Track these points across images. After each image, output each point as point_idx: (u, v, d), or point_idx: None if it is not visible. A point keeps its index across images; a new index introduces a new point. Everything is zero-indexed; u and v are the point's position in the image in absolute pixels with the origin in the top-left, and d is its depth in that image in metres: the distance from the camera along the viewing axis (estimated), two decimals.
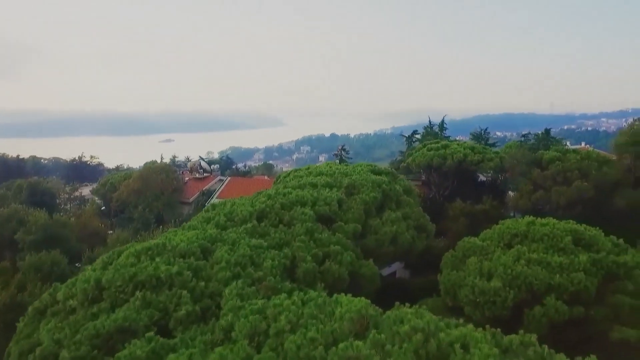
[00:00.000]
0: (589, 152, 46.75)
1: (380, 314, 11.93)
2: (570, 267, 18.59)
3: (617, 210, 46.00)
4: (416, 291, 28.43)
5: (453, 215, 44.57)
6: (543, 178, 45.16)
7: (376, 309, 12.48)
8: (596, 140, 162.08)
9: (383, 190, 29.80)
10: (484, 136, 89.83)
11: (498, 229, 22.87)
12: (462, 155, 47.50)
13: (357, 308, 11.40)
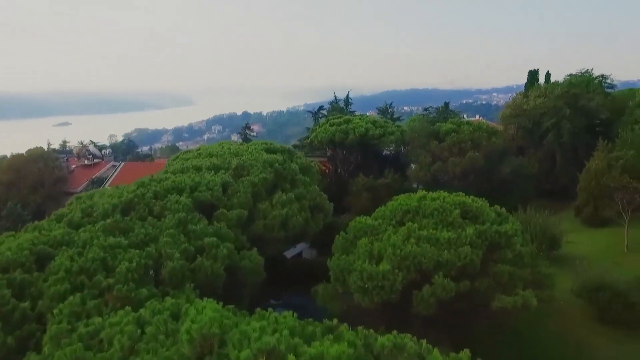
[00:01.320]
0: (480, 124, 48.66)
1: (233, 326, 9.58)
2: (457, 241, 17.89)
3: (504, 176, 48.83)
4: (321, 271, 26.96)
5: (356, 190, 43.98)
6: (440, 149, 46.17)
7: (229, 317, 10.12)
8: (489, 113, 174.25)
9: (276, 170, 27.53)
10: (389, 110, 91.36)
11: (390, 206, 21.76)
12: (364, 130, 46.87)
13: (201, 325, 8.94)
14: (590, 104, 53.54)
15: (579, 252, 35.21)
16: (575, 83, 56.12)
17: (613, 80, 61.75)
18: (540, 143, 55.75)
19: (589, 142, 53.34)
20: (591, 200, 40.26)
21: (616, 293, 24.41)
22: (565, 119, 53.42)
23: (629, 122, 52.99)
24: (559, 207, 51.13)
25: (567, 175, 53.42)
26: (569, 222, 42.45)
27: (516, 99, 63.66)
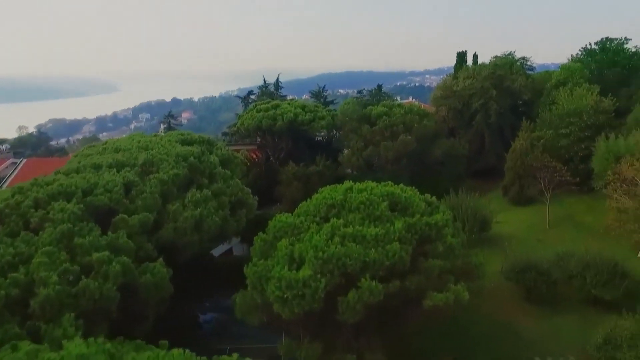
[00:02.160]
0: (411, 106, 48.36)
1: None
2: (386, 237, 16.61)
3: (436, 158, 49.23)
4: None
5: (286, 179, 42.06)
6: (372, 134, 45.28)
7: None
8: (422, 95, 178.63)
9: (191, 165, 24.83)
10: (322, 94, 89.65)
11: (315, 200, 20.09)
12: (293, 115, 44.78)
13: None
14: (514, 85, 55.18)
15: (506, 232, 36.00)
16: (500, 65, 57.60)
17: (533, 62, 64.25)
18: (470, 124, 56.86)
19: (514, 123, 55.19)
20: (517, 179, 41.38)
21: (540, 272, 24.75)
22: (492, 100, 54.69)
23: (547, 103, 55.41)
24: (489, 186, 52.71)
25: (495, 155, 55.05)
26: (498, 202, 43.58)
27: (446, 80, 64.45)
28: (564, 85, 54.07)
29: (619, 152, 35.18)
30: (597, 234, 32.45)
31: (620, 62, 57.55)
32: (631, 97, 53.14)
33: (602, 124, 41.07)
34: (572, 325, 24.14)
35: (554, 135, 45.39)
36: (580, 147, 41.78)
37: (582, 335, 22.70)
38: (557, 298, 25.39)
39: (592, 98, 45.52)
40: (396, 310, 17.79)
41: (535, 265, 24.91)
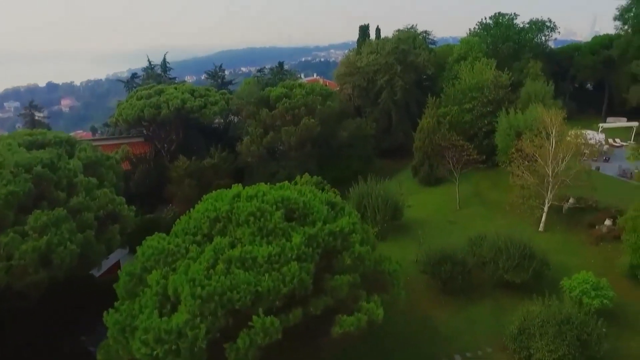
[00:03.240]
0: (313, 86, 46.13)
1: None
2: (281, 257, 14.16)
3: (343, 140, 47.98)
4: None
5: (177, 176, 37.86)
6: (272, 118, 42.42)
7: None
8: (328, 70, 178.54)
9: (38, 176, 20.18)
10: (219, 74, 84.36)
11: (196, 213, 17.00)
12: (180, 102, 40.20)
13: None
14: (418, 60, 55.46)
15: (419, 216, 35.77)
16: (403, 39, 57.53)
17: (434, 36, 65.42)
18: (376, 102, 56.41)
19: (420, 98, 55.80)
20: (426, 159, 41.44)
21: (455, 263, 24.26)
22: (397, 76, 54.55)
23: (450, 78, 56.85)
24: (399, 165, 52.98)
25: (403, 132, 55.35)
26: (408, 183, 43.54)
27: (349, 56, 63.30)
28: (465, 59, 55.63)
29: (519, 128, 36.32)
30: (504, 211, 33.28)
31: (511, 37, 60.55)
32: (522, 71, 56.25)
33: (501, 99, 42.39)
34: (487, 314, 24.05)
35: (459, 111, 46.34)
36: (484, 122, 42.92)
37: (497, 324, 22.64)
38: (472, 286, 25.20)
39: (491, 73, 46.98)
40: (300, 346, 15.51)
41: (450, 256, 24.33)
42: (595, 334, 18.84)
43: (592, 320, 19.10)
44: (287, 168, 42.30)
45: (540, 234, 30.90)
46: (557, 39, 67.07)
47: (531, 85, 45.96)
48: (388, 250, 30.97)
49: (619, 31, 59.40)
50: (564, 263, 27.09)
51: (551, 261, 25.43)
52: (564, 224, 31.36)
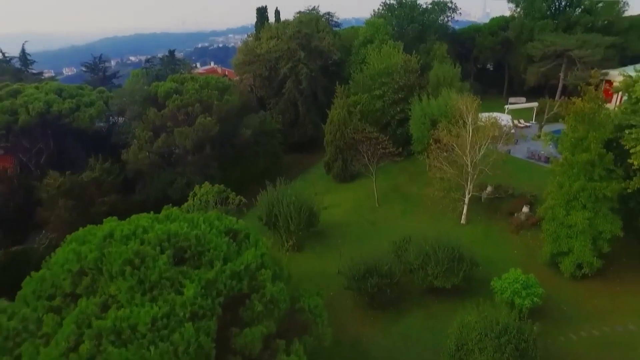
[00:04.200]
0: (208, 79, 42.18)
1: None
2: (171, 320, 11.24)
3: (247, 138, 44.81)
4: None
5: (48, 197, 32.35)
6: (162, 119, 38.02)
7: None
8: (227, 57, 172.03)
9: None
10: (99, 66, 76.40)
11: (54, 265, 13.27)
12: (44, 105, 34.21)
13: None
14: (322, 45, 53.69)
15: (337, 219, 34.13)
16: (305, 22, 55.37)
17: (338, 18, 64.21)
18: (280, 92, 53.83)
19: (327, 86, 54.22)
20: (339, 154, 39.89)
21: (382, 275, 22.79)
22: (301, 63, 52.35)
23: (357, 62, 56.07)
24: (310, 160, 51.17)
25: (312, 124, 53.50)
26: (322, 181, 41.83)
27: (248, 42, 59.85)
28: (371, 42, 54.98)
29: (433, 115, 36.01)
30: (425, 206, 32.77)
31: (416, 18, 61.25)
32: (429, 53, 57.14)
33: (412, 85, 42.04)
34: (420, 326, 22.98)
35: (369, 98, 45.46)
36: (396, 110, 42.35)
37: (433, 337, 21.66)
38: (401, 297, 23.98)
39: (399, 56, 46.61)
40: None
41: (375, 267, 22.77)
42: (531, 340, 18.38)
43: (527, 326, 18.58)
44: (186, 175, 38.39)
45: (463, 227, 30.77)
46: (459, 20, 69.37)
47: (439, 68, 46.32)
48: (306, 262, 29.05)
49: (513, 13, 62.66)
50: (489, 257, 26.98)
51: (477, 256, 25.11)
52: (484, 214, 31.55)
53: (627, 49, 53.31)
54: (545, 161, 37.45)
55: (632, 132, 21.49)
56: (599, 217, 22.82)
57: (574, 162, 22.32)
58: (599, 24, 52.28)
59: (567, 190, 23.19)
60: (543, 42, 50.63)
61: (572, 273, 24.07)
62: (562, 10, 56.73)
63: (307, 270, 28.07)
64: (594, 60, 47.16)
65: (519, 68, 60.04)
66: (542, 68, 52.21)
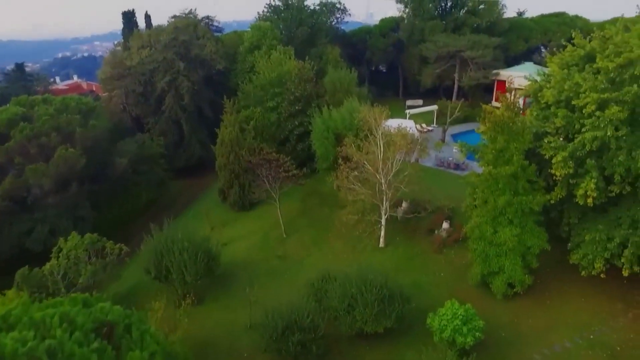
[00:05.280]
0: (66, 100, 35.97)
1: None
2: None
3: (123, 168, 39.59)
4: None
5: None
6: (7, 154, 31.56)
7: None
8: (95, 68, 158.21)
9: None
10: None
11: None
12: None
13: None
14: (204, 53, 49.87)
15: (240, 256, 30.80)
16: (182, 27, 51.02)
17: (219, 22, 60.67)
18: (160, 110, 49.01)
19: (213, 100, 50.50)
20: (234, 179, 36.48)
21: (304, 330, 20.06)
22: (181, 75, 48.06)
23: (244, 71, 53.07)
24: (202, 186, 46.97)
25: (199, 144, 49.36)
26: (218, 211, 38.03)
27: (116, 53, 53.95)
28: (259, 48, 52.37)
29: (337, 129, 34.27)
30: (339, 232, 30.68)
31: (305, 20, 59.88)
32: (321, 58, 56.06)
33: (310, 94, 40.06)
34: None
35: (263, 112, 42.75)
36: (294, 123, 40.02)
37: None
38: (329, 349, 21.43)
39: (292, 63, 44.53)
40: None
41: (295, 321, 19.93)
42: None
43: None
44: (48, 220, 32.47)
45: (383, 251, 29.24)
46: (348, 22, 69.56)
47: (334, 74, 45.13)
48: (210, 317, 25.31)
49: (402, 14, 64.13)
50: (417, 283, 25.73)
51: (405, 284, 23.64)
52: (403, 234, 30.31)
53: (509, 49, 56.91)
54: (455, 168, 37.68)
55: (551, 140, 21.23)
56: (526, 232, 22.42)
57: (498, 176, 21.56)
58: (483, 25, 55.04)
59: (492, 207, 22.45)
60: (436, 43, 51.92)
61: (504, 293, 23.44)
62: (448, 11, 59.09)
63: (212, 327, 24.55)
64: (485, 60, 49.24)
65: (413, 69, 61.42)
66: (437, 69, 53.54)
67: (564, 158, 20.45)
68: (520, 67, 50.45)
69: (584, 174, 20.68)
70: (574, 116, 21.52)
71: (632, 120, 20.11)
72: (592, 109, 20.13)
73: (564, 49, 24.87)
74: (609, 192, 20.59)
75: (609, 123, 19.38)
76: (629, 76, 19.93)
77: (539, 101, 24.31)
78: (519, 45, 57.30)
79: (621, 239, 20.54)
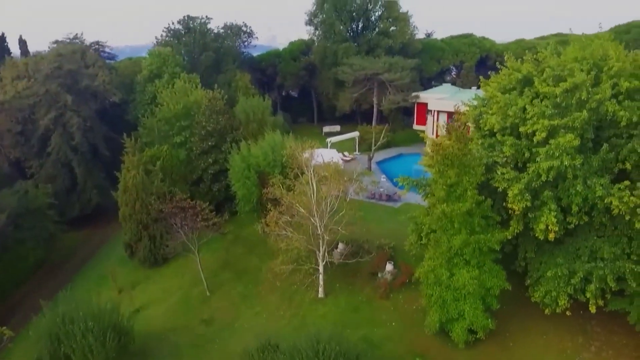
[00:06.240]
0: None
1: None
2: None
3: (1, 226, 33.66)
4: None
5: None
6: None
7: None
8: None
9: None
10: None
11: None
12: None
13: None
14: (95, 84, 44.98)
15: (157, 325, 26.63)
16: (67, 55, 45.59)
17: (111, 48, 55.77)
18: (45, 152, 43.06)
19: (111, 137, 45.44)
20: (143, 231, 32.21)
21: None
22: (69, 110, 42.69)
23: (144, 102, 48.70)
24: (103, 237, 41.29)
25: (97, 189, 43.90)
26: (126, 269, 33.25)
27: None
28: (160, 76, 48.46)
29: (259, 167, 31.58)
30: (272, 284, 27.84)
31: (209, 44, 56.82)
32: (230, 85, 53.19)
33: (223, 128, 37.00)
34: None
35: (170, 149, 38.90)
36: (208, 161, 36.59)
37: None
38: None
39: (199, 93, 41.34)
40: None
41: None
42: None
43: None
44: None
45: (324, 303, 26.74)
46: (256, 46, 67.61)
47: (246, 103, 42.70)
48: None
49: (312, 36, 63.35)
50: (367, 338, 23.64)
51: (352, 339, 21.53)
52: (343, 280, 28.03)
53: (424, 71, 58.02)
54: (387, 200, 36.45)
55: (505, 172, 20.24)
56: (485, 273, 21.17)
57: (453, 215, 20.10)
58: (397, 47, 55.52)
59: (446, 248, 20.96)
60: (352, 66, 51.31)
61: (466, 340, 21.92)
62: (360, 33, 59.15)
63: None
64: (404, 83, 49.34)
65: (328, 94, 60.51)
66: (354, 93, 52.91)
67: (520, 191, 19.49)
68: (439, 88, 51.25)
69: (541, 206, 19.87)
70: (522, 144, 20.84)
71: (582, 147, 19.69)
72: (542, 136, 19.47)
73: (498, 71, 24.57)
74: (567, 224, 19.93)
75: (564, 152, 18.69)
76: (576, 101, 19.53)
77: (480, 128, 23.57)
78: (432, 66, 58.63)
79: (584, 273, 19.87)
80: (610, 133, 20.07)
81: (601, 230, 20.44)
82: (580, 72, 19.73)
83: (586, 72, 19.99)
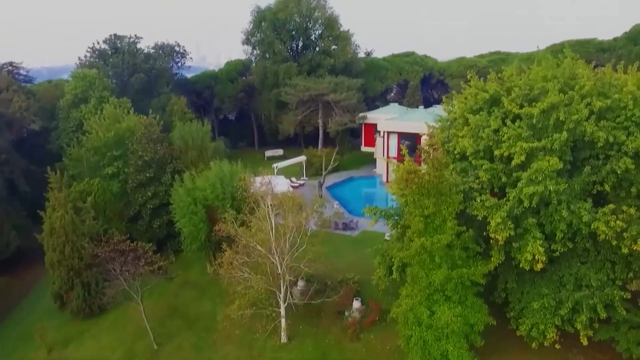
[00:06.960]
0: None
1: None
2: None
3: None
4: None
5: None
6: None
7: None
8: None
9: None
10: None
11: None
12: None
13: None
14: (12, 110, 40.80)
15: None
16: None
17: (27, 69, 51.30)
18: None
19: (31, 170, 41.24)
20: (75, 279, 28.63)
21: None
22: None
23: (69, 130, 44.89)
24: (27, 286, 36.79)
25: (16, 230, 39.30)
26: (55, 321, 29.42)
27: None
28: (86, 101, 44.86)
29: (207, 200, 29.11)
30: (228, 332, 25.10)
31: (140, 66, 53.66)
32: (164, 110, 50.15)
33: (163, 158, 34.25)
34: None
35: (101, 182, 35.50)
36: (146, 195, 33.65)
37: None
38: None
39: (133, 119, 38.36)
40: None
41: None
42: None
43: None
44: None
45: (288, 349, 24.51)
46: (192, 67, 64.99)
47: (183, 128, 40.06)
48: None
49: (249, 56, 61.66)
50: None
51: None
52: (307, 321, 25.92)
53: (368, 90, 57.73)
54: (344, 229, 35.03)
55: (484, 199, 19.25)
56: (467, 308, 19.92)
57: (434, 249, 18.79)
58: (339, 66, 54.92)
59: (425, 284, 19.59)
60: (296, 87, 50.01)
61: None
62: (300, 52, 58.14)
63: None
64: (350, 103, 48.54)
65: (269, 116, 58.80)
66: (298, 115, 51.52)
67: (503, 219, 18.52)
68: (386, 108, 50.94)
69: (524, 234, 19.00)
70: (498, 168, 20.03)
71: (560, 170, 19.08)
72: (521, 159, 18.70)
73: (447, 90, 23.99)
74: (551, 252, 19.17)
75: (546, 176, 17.96)
76: (553, 122, 18.95)
77: (449, 151, 22.66)
78: (376, 85, 58.51)
79: (573, 302, 19.11)
80: (586, 154, 19.62)
81: (584, 256, 19.84)
82: (557, 92, 19.22)
83: (558, 91, 19.54)
